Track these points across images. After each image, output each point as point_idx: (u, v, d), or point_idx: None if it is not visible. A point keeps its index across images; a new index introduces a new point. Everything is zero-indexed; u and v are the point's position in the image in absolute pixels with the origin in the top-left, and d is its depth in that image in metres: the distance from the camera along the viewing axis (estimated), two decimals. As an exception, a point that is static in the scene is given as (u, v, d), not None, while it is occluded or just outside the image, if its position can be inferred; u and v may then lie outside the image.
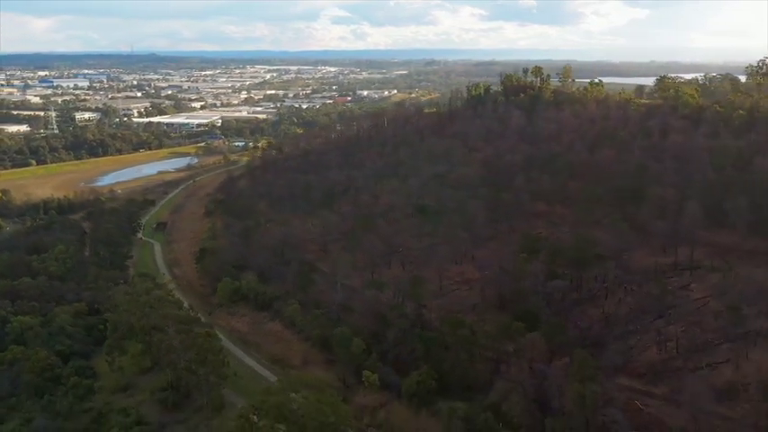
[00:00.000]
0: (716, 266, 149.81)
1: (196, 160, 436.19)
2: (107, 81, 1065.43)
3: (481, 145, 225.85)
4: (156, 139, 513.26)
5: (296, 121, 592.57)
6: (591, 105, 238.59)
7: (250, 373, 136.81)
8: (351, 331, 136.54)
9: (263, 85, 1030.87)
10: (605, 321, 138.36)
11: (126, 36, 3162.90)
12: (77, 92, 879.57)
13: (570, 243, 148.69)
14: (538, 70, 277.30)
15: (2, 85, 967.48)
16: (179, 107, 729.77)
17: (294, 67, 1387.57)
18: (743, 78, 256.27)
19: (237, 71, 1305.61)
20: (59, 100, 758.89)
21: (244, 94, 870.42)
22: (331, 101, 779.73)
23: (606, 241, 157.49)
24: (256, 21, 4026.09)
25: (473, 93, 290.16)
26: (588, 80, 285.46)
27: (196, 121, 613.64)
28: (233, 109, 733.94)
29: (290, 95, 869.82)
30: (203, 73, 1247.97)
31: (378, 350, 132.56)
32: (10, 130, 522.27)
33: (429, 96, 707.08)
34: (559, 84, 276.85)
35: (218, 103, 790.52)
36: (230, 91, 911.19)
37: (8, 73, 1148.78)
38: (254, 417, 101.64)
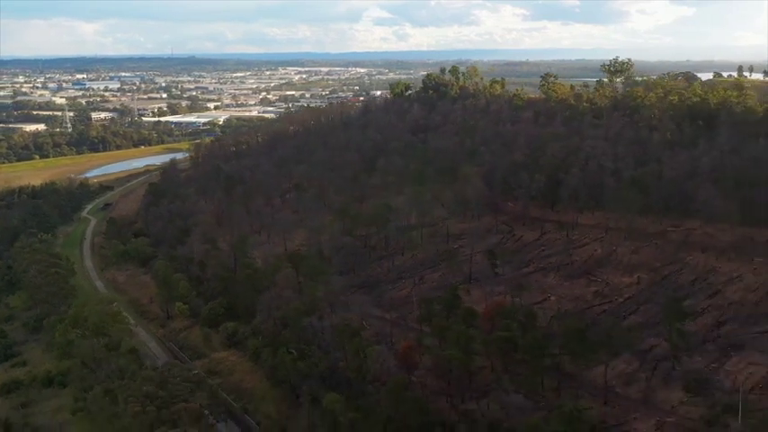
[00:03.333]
0: (500, 230, 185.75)
1: (187, 155, 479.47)
2: (140, 83, 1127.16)
3: (375, 135, 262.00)
4: (158, 136, 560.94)
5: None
6: (481, 101, 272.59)
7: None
8: (185, 276, 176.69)
9: (285, 86, 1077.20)
10: (389, 271, 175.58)
11: (172, 39, 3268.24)
12: (106, 93, 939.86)
13: (371, 211, 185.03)
14: (455, 69, 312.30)
15: (38, 87, 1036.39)
16: (193, 107, 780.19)
17: (325, 69, 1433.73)
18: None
19: (268, 73, 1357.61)
20: (84, 101, 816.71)
21: (263, 95, 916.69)
22: (341, 101, 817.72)
23: (428, 211, 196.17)
24: (299, 22, 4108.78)
25: (394, 91, 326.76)
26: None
27: (203, 120, 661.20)
28: (245, 109, 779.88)
29: (308, 95, 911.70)
30: (235, 75, 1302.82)
31: (200, 290, 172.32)
32: (28, 129, 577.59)
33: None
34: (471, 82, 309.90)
35: (234, 103, 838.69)
36: (250, 92, 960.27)
37: (47, 76, 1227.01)
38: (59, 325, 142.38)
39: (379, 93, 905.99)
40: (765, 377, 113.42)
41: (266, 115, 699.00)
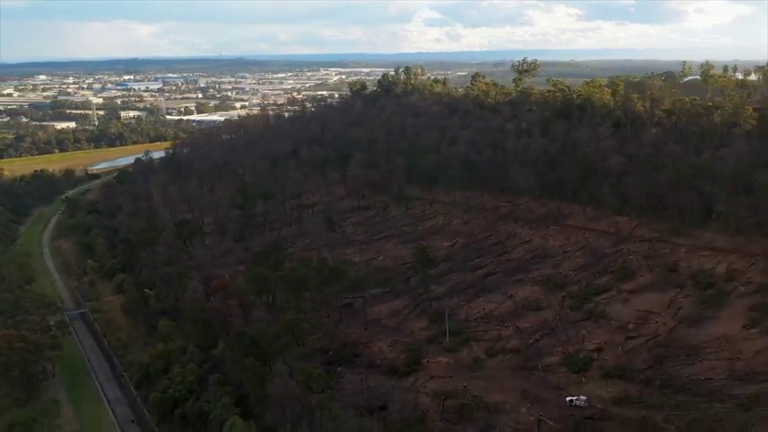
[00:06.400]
0: (377, 206, 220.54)
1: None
2: (182, 84, 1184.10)
3: (316, 127, 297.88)
4: (174, 133, 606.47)
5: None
6: (414, 97, 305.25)
7: (41, 267, 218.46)
8: (106, 242, 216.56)
9: (319, 86, 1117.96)
10: (272, 239, 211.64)
11: (227, 40, 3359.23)
12: (145, 93, 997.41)
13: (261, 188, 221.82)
14: (407, 70, 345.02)
15: (83, 87, 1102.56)
16: (220, 107, 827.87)
17: (366, 69, 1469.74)
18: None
19: (309, 73, 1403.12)
20: (119, 101, 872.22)
21: (291, 95, 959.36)
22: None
23: (328, 191, 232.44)
24: (350, 24, 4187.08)
25: (353, 88, 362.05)
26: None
27: (222, 118, 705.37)
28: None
29: (336, 95, 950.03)
30: (275, 75, 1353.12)
31: (113, 253, 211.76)
32: (58, 126, 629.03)
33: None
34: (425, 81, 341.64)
35: (263, 102, 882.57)
36: (283, 92, 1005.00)
37: (96, 77, 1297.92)
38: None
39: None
40: (492, 311, 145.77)
41: (285, 114, 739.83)
